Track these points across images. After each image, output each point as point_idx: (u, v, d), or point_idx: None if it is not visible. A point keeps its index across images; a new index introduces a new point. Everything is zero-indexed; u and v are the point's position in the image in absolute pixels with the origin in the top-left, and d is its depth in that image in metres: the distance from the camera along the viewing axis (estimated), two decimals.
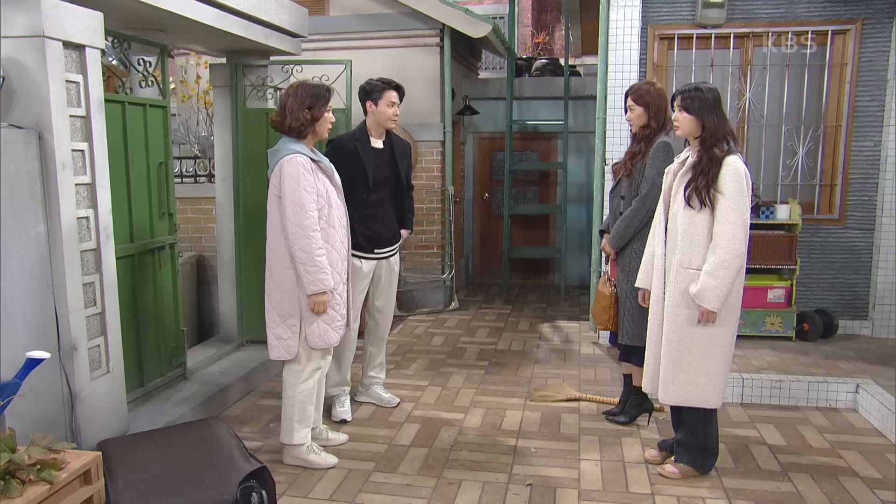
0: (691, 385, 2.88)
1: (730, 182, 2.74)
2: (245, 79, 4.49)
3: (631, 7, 4.76)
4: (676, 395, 2.93)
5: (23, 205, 2.62)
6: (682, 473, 3.01)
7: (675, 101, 2.91)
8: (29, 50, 2.60)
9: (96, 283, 2.97)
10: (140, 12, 3.31)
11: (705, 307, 2.78)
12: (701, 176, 2.78)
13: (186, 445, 2.79)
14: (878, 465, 3.14)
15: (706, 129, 2.81)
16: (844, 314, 5.00)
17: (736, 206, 2.73)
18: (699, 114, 2.82)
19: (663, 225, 2.98)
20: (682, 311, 2.86)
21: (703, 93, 2.84)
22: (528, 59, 8.53)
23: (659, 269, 2.97)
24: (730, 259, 2.73)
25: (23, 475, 2.05)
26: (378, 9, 6.36)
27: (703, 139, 2.82)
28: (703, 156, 2.81)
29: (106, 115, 2.99)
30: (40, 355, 2.30)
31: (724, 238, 2.73)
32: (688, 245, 2.82)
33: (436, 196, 6.54)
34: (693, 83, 2.94)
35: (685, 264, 2.84)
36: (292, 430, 3.12)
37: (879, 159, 4.84)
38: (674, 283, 2.88)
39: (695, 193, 2.79)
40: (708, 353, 2.87)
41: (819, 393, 3.88)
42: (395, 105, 3.59)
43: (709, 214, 2.78)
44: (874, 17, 4.72)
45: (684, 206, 2.82)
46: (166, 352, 3.79)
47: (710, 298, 2.76)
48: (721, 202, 2.75)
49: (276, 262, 2.99)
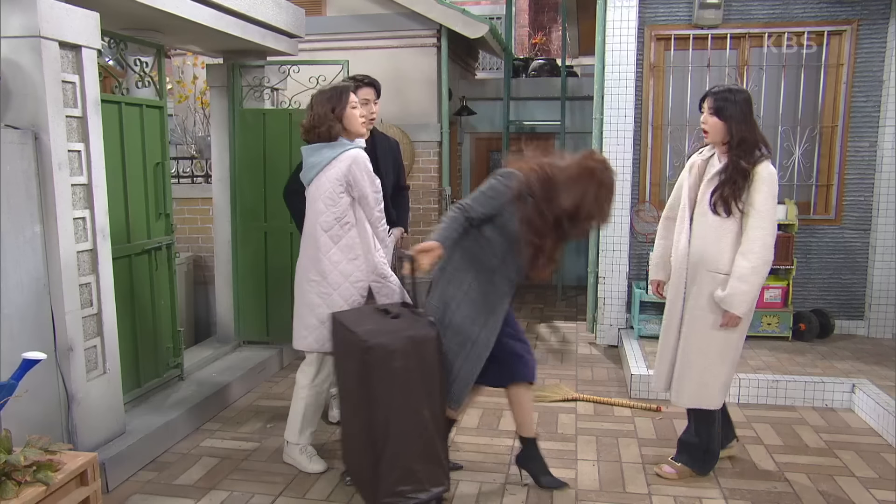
0: (704, 387, 2.88)
1: (762, 191, 2.70)
2: (242, 79, 4.49)
3: (628, 7, 4.77)
4: (690, 398, 2.92)
5: (19, 205, 2.61)
6: (680, 474, 3.00)
7: (705, 104, 2.83)
8: (25, 50, 2.60)
9: (93, 283, 2.96)
10: (136, 12, 3.30)
11: (733, 312, 2.75)
12: (727, 186, 2.73)
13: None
14: (874, 465, 3.15)
15: (733, 137, 2.74)
16: (841, 314, 5.01)
17: (768, 213, 2.70)
18: (730, 120, 2.74)
19: (688, 225, 2.90)
20: (708, 315, 2.82)
21: (735, 95, 2.75)
22: (525, 60, 8.54)
23: (681, 270, 2.91)
24: (761, 265, 2.71)
25: (19, 476, 2.05)
26: (375, 9, 6.36)
27: (731, 146, 2.76)
28: (729, 164, 2.75)
29: (102, 116, 2.98)
30: (36, 356, 2.30)
31: (757, 244, 2.70)
32: (716, 249, 2.79)
33: (433, 196, 6.54)
34: (724, 85, 2.86)
35: (712, 268, 2.80)
36: (296, 429, 3.12)
37: (875, 160, 4.85)
38: (698, 287, 2.84)
39: (721, 202, 2.75)
40: (722, 356, 2.86)
41: (815, 393, 3.89)
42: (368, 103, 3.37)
43: (737, 219, 2.75)
44: (870, 18, 4.73)
45: (711, 212, 2.78)
46: (163, 353, 3.78)
47: (739, 304, 2.72)
48: (753, 209, 2.71)
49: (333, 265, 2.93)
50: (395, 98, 6.07)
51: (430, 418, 2.52)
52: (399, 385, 2.46)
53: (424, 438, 2.53)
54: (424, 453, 2.54)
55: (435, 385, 2.54)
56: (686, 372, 2.90)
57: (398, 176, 3.79)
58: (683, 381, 2.91)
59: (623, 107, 4.86)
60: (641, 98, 4.97)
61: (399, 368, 2.45)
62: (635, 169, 5.00)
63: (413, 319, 2.59)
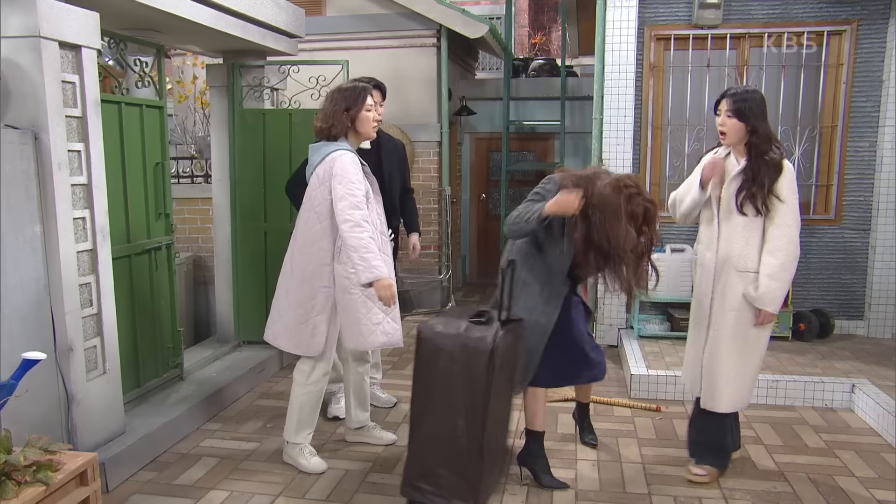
0: (738, 391, 2.88)
1: (786, 186, 2.73)
2: (242, 79, 4.49)
3: (627, 7, 4.77)
4: (728, 403, 2.90)
5: (19, 205, 2.61)
6: (710, 475, 2.98)
7: (721, 105, 2.83)
8: (25, 50, 2.60)
9: (92, 283, 2.96)
10: (136, 12, 3.30)
11: (767, 310, 2.76)
12: (755, 184, 2.74)
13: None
14: (873, 465, 3.15)
15: (758, 135, 2.75)
16: (840, 314, 5.01)
17: (793, 209, 2.73)
18: (750, 120, 2.74)
19: (716, 226, 2.88)
20: (745, 315, 2.83)
21: (752, 95, 2.77)
22: (524, 60, 8.54)
23: (709, 271, 2.90)
24: (790, 262, 2.73)
25: (18, 476, 2.04)
26: (375, 9, 6.36)
27: (754, 145, 2.76)
28: (754, 162, 2.76)
29: (102, 116, 2.98)
30: (36, 356, 2.29)
31: (784, 241, 2.72)
32: (743, 248, 2.79)
33: (433, 196, 6.54)
34: (740, 87, 2.87)
35: (741, 268, 2.80)
36: (292, 428, 3.12)
37: (875, 160, 4.85)
38: (731, 288, 2.83)
39: (749, 201, 2.75)
40: (754, 356, 2.89)
41: (815, 393, 3.89)
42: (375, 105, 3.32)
43: (762, 218, 2.76)
44: (869, 17, 4.73)
45: (737, 212, 2.79)
46: (163, 353, 3.78)
47: (771, 301, 2.74)
48: (779, 206, 2.73)
49: (311, 259, 2.95)
50: (394, 98, 6.06)
51: (464, 430, 2.46)
52: (440, 385, 2.48)
53: (455, 448, 2.48)
54: (451, 462, 2.50)
55: (477, 399, 2.45)
56: (719, 376, 2.88)
57: (403, 178, 3.77)
58: (718, 387, 2.88)
59: (623, 107, 4.86)
60: (641, 98, 4.97)
61: (442, 369, 2.46)
62: (635, 169, 5.00)
63: (489, 330, 2.49)
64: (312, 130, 3.06)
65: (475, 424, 2.47)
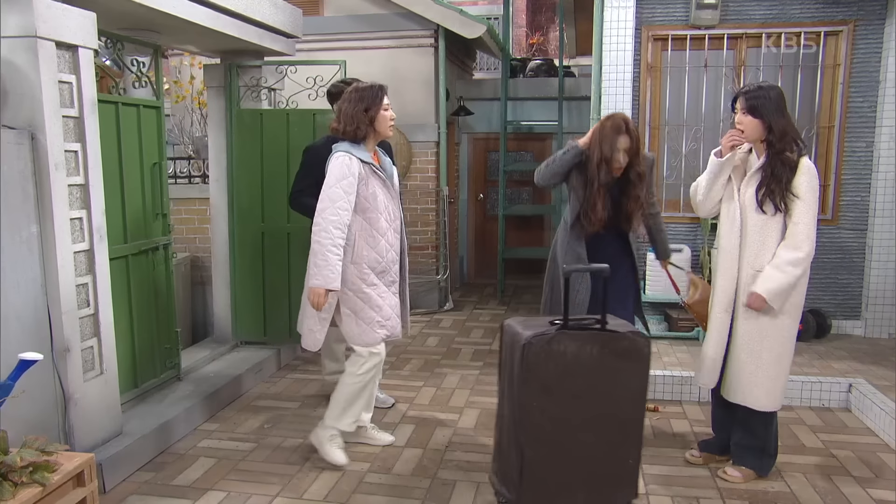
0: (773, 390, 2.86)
1: (805, 184, 2.71)
2: (239, 79, 4.49)
3: (625, 8, 4.77)
4: (768, 400, 2.86)
5: (15, 205, 2.60)
6: (745, 477, 2.96)
7: (737, 103, 2.82)
8: (21, 50, 2.60)
9: (89, 284, 2.96)
10: (133, 12, 3.30)
11: (757, 292, 2.73)
12: (773, 181, 2.73)
13: None
14: (870, 465, 3.16)
15: (774, 132, 2.73)
16: (837, 314, 5.01)
17: (811, 207, 2.71)
18: (766, 117, 2.73)
19: (738, 224, 2.85)
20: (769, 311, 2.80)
21: (767, 92, 2.76)
22: (522, 60, 8.55)
23: (731, 267, 2.87)
24: (803, 257, 2.72)
25: (15, 477, 2.04)
26: (372, 9, 6.36)
27: (772, 142, 2.75)
28: (773, 160, 2.74)
29: (99, 116, 2.98)
30: (33, 357, 2.29)
31: (800, 237, 2.71)
32: (759, 247, 2.79)
33: (430, 197, 6.54)
34: (755, 83, 2.85)
35: (757, 266, 2.79)
36: (336, 414, 3.14)
37: (872, 160, 4.86)
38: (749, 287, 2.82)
39: (768, 199, 2.74)
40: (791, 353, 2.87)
41: (812, 392, 3.90)
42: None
43: (781, 216, 2.75)
44: (866, 18, 4.74)
45: (756, 210, 2.78)
46: (160, 353, 3.77)
47: (766, 290, 2.72)
48: (797, 204, 2.71)
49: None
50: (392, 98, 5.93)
51: (504, 418, 2.57)
52: (503, 371, 2.60)
53: (498, 431, 2.64)
54: (496, 445, 2.65)
55: (513, 389, 2.47)
56: (755, 373, 2.84)
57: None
58: (756, 383, 2.84)
59: (620, 107, 4.85)
60: (639, 98, 4.97)
61: (506, 356, 2.57)
62: None
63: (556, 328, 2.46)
64: (330, 131, 3.07)
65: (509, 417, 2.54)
